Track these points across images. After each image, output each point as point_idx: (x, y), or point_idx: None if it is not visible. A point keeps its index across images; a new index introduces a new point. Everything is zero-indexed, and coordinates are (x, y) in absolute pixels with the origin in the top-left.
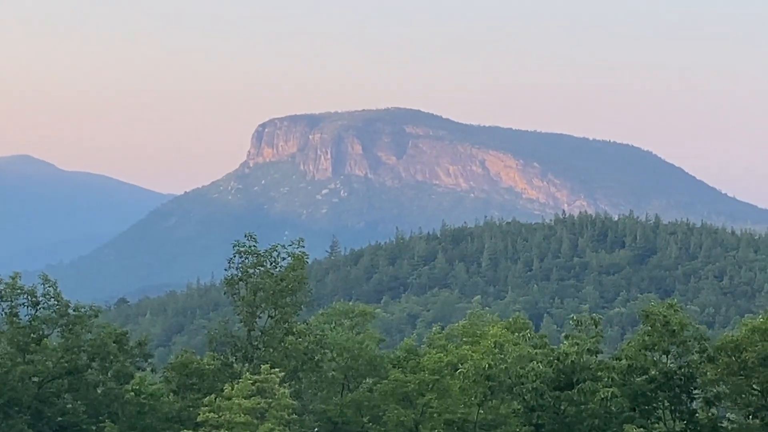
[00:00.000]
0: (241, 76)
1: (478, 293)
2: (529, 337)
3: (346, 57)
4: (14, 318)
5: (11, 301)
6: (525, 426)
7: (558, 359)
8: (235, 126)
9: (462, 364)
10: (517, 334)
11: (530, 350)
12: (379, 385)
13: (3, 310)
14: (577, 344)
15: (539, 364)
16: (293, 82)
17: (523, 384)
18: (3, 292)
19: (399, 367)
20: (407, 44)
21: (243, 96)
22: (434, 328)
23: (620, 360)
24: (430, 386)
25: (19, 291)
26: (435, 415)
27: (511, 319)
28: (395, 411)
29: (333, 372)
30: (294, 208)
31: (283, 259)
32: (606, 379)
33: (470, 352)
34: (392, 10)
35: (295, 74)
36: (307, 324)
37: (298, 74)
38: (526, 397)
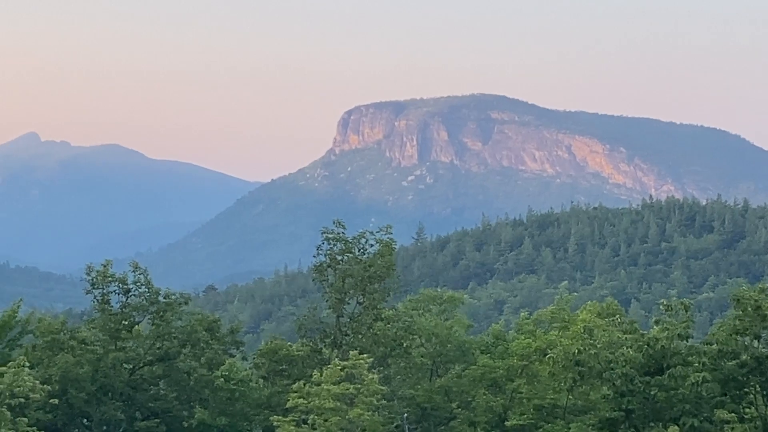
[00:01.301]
0: (327, 63)
1: (564, 279)
2: (618, 323)
3: (431, 43)
4: (106, 305)
5: (103, 289)
6: (615, 411)
7: (648, 344)
8: (321, 113)
9: (551, 350)
10: (606, 319)
11: (620, 335)
12: (467, 370)
13: (95, 298)
14: (667, 329)
15: (629, 349)
16: (378, 69)
17: (612, 369)
18: (95, 280)
19: (487, 353)
20: (492, 30)
21: (329, 83)
22: (522, 314)
23: (711, 345)
24: (519, 372)
25: (110, 279)
26: (524, 400)
27: (604, 305)
28: (484, 396)
29: (421, 358)
30: (380, 195)
31: (371, 245)
32: (697, 363)
33: (559, 337)
34: None
35: (380, 61)
36: (395, 310)
37: (384, 61)
38: (615, 383)
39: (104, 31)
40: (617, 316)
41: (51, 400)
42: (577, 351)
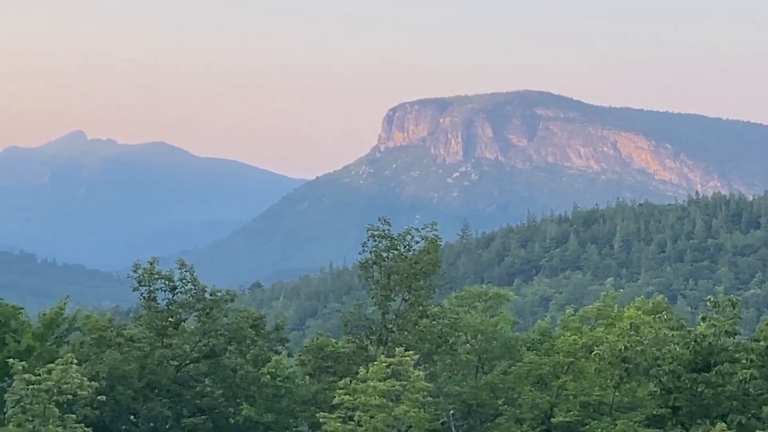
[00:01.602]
0: (372, 61)
1: (610, 275)
2: (665, 319)
3: (475, 40)
4: (152, 302)
5: (149, 286)
6: (662, 408)
7: (695, 341)
8: (365, 111)
9: (597, 346)
10: (653, 316)
11: (666, 332)
12: (513, 367)
13: (142, 295)
14: (715, 326)
15: (676, 346)
16: (423, 66)
17: (659, 366)
18: (141, 277)
19: (533, 350)
20: (536, 27)
21: (373, 81)
22: (568, 311)
23: (758, 341)
24: (565, 368)
25: (156, 276)
26: (570, 397)
27: (652, 303)
28: (530, 393)
29: (467, 355)
30: (425, 192)
31: (417, 242)
32: (744, 360)
33: (605, 334)
34: None
35: (424, 58)
36: (441, 307)
37: (428, 58)
38: (662, 380)
39: (150, 30)
40: (664, 312)
41: (99, 397)
42: (623, 348)
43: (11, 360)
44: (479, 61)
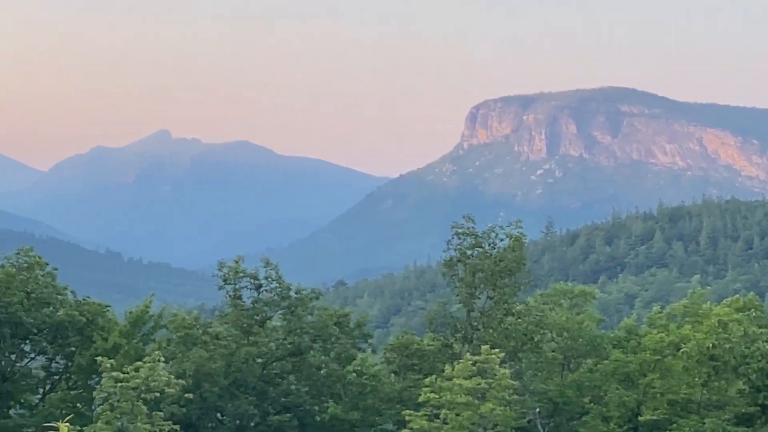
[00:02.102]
0: (455, 59)
1: (696, 272)
2: (754, 317)
3: (558, 37)
4: (238, 301)
5: (235, 284)
6: (751, 406)
7: None
8: (448, 108)
9: (684, 344)
10: (741, 313)
11: (755, 330)
12: (599, 365)
13: (227, 293)
14: None
15: (765, 343)
16: (506, 63)
17: (748, 364)
18: (227, 276)
19: (619, 347)
20: (620, 23)
21: (456, 79)
22: (654, 308)
23: None
24: (652, 366)
25: (242, 274)
26: (657, 395)
27: (745, 300)
28: (617, 391)
29: (552, 352)
30: (509, 189)
31: (501, 240)
32: None
33: (692, 331)
34: None
35: (508, 56)
36: (525, 305)
37: (511, 56)
38: (751, 378)
39: (234, 30)
40: (752, 309)
41: (186, 395)
42: (711, 345)
43: (99, 358)
44: (563, 57)
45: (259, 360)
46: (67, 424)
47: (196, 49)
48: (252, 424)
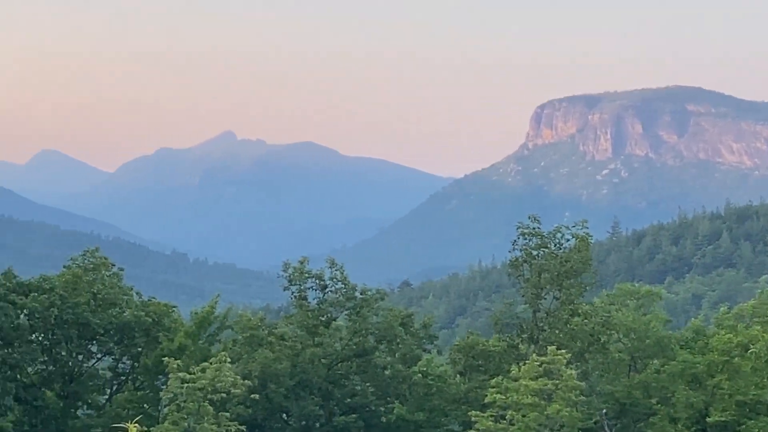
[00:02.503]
0: (519, 58)
1: (765, 272)
2: None
3: (624, 36)
4: (303, 301)
5: (300, 285)
6: None
7: None
8: (513, 108)
9: (753, 345)
10: None
11: None
12: (666, 366)
13: (292, 294)
14: None
15: None
16: (571, 63)
17: None
18: (292, 276)
19: (687, 348)
20: (686, 22)
21: (521, 78)
22: (721, 309)
23: None
24: (720, 367)
25: (307, 275)
26: (726, 396)
27: None
28: (684, 392)
29: (619, 353)
30: (574, 189)
31: (567, 240)
32: None
33: (761, 332)
34: None
35: (573, 55)
36: (592, 305)
37: (577, 55)
38: None
39: (297, 31)
40: None
41: (251, 396)
42: None
43: (165, 358)
44: (628, 56)
45: (325, 361)
46: (136, 425)
47: (260, 51)
48: (317, 424)
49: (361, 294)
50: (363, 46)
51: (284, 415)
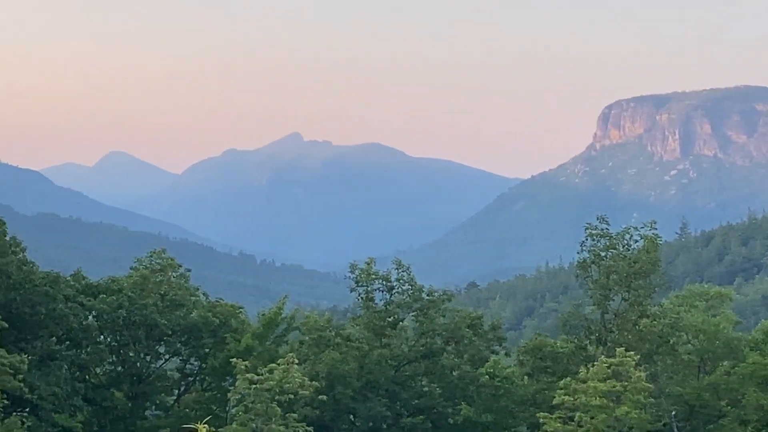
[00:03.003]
0: (587, 58)
1: None
2: None
3: (691, 35)
4: (370, 302)
5: (367, 286)
6: None
7: None
8: (580, 109)
9: None
10: None
11: None
12: (736, 368)
13: (359, 295)
14: None
15: None
16: (639, 62)
17: None
18: (359, 278)
19: (757, 350)
20: (756, 21)
21: (588, 79)
22: None
23: None
24: None
25: (374, 276)
26: None
27: None
28: (754, 394)
29: (688, 355)
30: (642, 190)
31: (636, 241)
32: None
33: None
34: None
35: (640, 55)
36: (660, 306)
37: (644, 55)
38: None
39: (363, 32)
40: None
41: (319, 397)
42: None
43: (233, 359)
44: (697, 56)
45: (392, 362)
46: (206, 425)
47: (326, 52)
48: (385, 425)
49: (427, 295)
50: (430, 47)
51: (351, 416)
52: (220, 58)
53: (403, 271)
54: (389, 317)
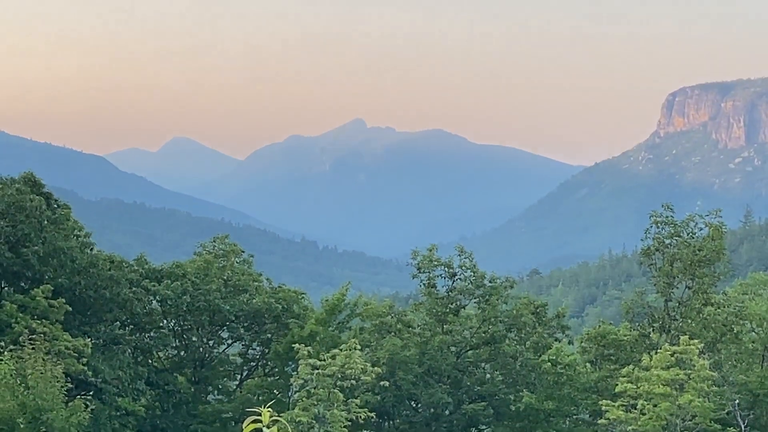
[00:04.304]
0: (651, 45)
1: None
2: None
3: (759, 22)
4: (432, 289)
5: (429, 273)
6: None
7: None
8: (644, 96)
9: None
10: None
11: None
12: None
13: (421, 282)
14: None
15: None
16: (704, 49)
17: None
18: (421, 264)
19: None
20: None
21: (653, 66)
22: None
23: None
24: None
25: (436, 263)
26: None
27: None
28: None
29: (753, 343)
30: (706, 178)
31: (700, 229)
32: None
33: None
34: None
35: (706, 42)
36: (725, 295)
37: (709, 42)
38: None
39: (425, 17)
40: None
41: (381, 383)
42: None
43: (296, 345)
44: (762, 43)
45: (453, 348)
46: (270, 409)
47: (389, 38)
48: (446, 412)
49: (490, 282)
50: (493, 33)
51: (413, 402)
52: (283, 44)
53: (465, 258)
54: (451, 304)
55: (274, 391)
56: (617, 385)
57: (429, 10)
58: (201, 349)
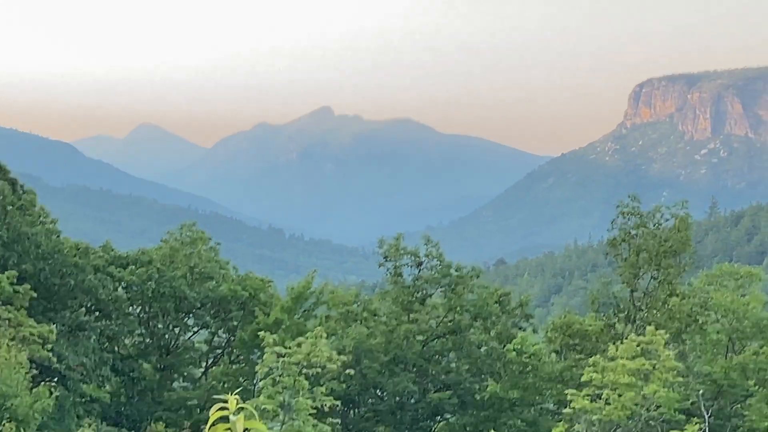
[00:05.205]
0: (618, 36)
1: None
2: None
3: (725, 15)
4: (398, 278)
5: (395, 262)
6: None
7: None
8: (611, 87)
9: None
10: None
11: None
12: (765, 348)
13: (387, 270)
14: None
15: None
16: (671, 41)
17: None
18: (387, 253)
19: None
20: None
21: (619, 57)
22: None
23: None
24: None
25: (402, 252)
26: None
27: None
28: None
29: (717, 334)
30: (672, 169)
31: (666, 220)
32: None
33: None
34: None
35: (672, 33)
36: (690, 285)
37: (676, 33)
38: None
39: (395, 6)
40: None
41: (347, 371)
42: None
43: (261, 332)
44: (728, 35)
45: (419, 337)
46: (237, 396)
47: (356, 27)
48: (412, 400)
49: (456, 271)
50: (460, 23)
51: (378, 390)
52: (252, 32)
53: (431, 247)
54: (417, 293)
55: (240, 378)
56: (582, 374)
57: (395, 0)
58: (166, 336)
